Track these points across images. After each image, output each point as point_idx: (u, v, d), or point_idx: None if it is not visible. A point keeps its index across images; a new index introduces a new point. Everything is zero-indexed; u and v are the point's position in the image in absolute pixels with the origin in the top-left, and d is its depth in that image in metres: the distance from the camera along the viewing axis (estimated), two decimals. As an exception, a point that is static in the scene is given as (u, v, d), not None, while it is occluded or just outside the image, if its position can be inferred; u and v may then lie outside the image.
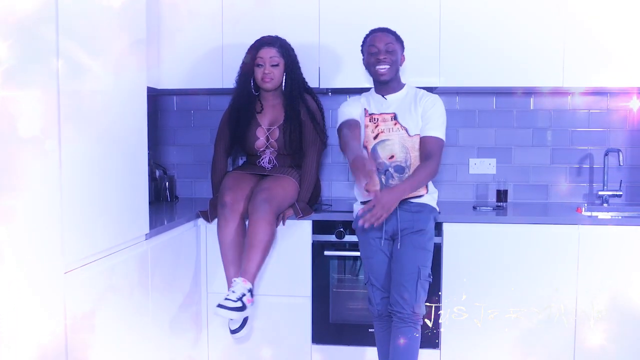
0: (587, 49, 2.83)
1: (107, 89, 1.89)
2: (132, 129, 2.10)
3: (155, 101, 3.40)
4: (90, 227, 1.81)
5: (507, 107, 3.25)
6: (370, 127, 2.47)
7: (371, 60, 2.43)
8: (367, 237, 2.47)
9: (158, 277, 2.30)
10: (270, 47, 2.73)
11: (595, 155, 3.22)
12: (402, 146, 2.43)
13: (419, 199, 2.45)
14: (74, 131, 1.69)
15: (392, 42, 2.42)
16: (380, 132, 2.44)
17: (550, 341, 2.68)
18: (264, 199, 2.57)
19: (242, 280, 2.50)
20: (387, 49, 2.40)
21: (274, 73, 2.73)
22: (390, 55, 2.41)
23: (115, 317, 1.94)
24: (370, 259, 2.47)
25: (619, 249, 2.65)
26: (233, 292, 2.46)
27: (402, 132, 2.43)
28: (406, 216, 2.42)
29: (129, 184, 2.07)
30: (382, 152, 2.44)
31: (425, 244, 2.42)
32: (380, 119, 2.45)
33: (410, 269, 2.37)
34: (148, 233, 2.24)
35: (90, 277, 1.80)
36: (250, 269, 2.53)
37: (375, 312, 2.50)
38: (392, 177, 2.44)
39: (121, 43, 1.99)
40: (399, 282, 2.37)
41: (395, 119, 2.44)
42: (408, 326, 2.35)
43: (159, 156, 3.43)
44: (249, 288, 2.50)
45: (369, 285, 2.50)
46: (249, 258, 2.54)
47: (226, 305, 2.42)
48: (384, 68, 2.40)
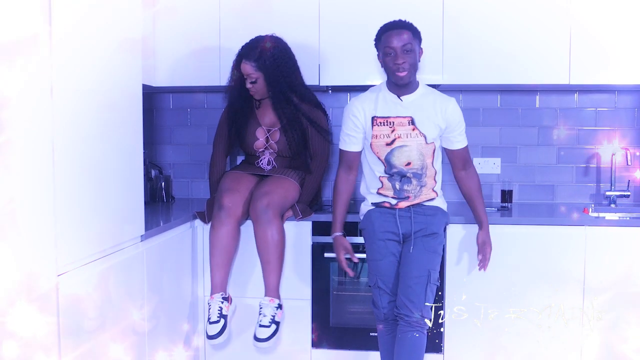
0: (595, 45, 2.83)
1: (101, 86, 1.89)
2: (127, 127, 2.10)
3: (150, 99, 3.40)
4: (84, 229, 1.81)
5: (512, 105, 3.25)
6: (385, 132, 2.38)
7: (388, 62, 2.32)
8: (377, 239, 2.45)
9: (153, 280, 2.30)
10: (247, 63, 2.67)
11: (602, 154, 3.22)
12: (420, 153, 2.40)
13: (431, 202, 2.46)
14: (67, 130, 1.69)
15: (410, 41, 2.29)
16: (397, 137, 2.37)
17: (557, 346, 2.68)
18: (265, 206, 2.58)
19: (269, 300, 2.58)
20: (405, 49, 2.28)
21: (255, 87, 2.73)
22: (408, 56, 2.29)
23: (110, 321, 1.94)
24: (379, 261, 2.45)
25: (627, 251, 2.65)
26: (264, 316, 2.54)
27: (421, 139, 2.38)
28: (420, 219, 2.43)
29: (124, 184, 2.07)
30: (398, 157, 2.39)
31: (437, 247, 2.43)
32: (397, 122, 2.37)
33: (421, 271, 2.37)
34: (143, 234, 2.24)
35: (84, 280, 1.80)
36: (273, 285, 2.60)
37: (380, 316, 2.48)
38: (410, 182, 2.42)
39: (116, 38, 1.99)
40: (408, 284, 2.36)
41: (412, 124, 2.37)
42: (414, 330, 2.35)
43: (155, 155, 3.43)
44: (276, 305, 2.57)
45: (375, 288, 2.47)
46: (268, 274, 2.60)
47: (263, 337, 2.52)
48: (403, 73, 2.30)
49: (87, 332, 1.81)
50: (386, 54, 2.31)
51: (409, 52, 2.30)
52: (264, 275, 2.62)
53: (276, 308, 2.59)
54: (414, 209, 2.42)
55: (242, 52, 2.71)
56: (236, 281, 2.77)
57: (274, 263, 2.59)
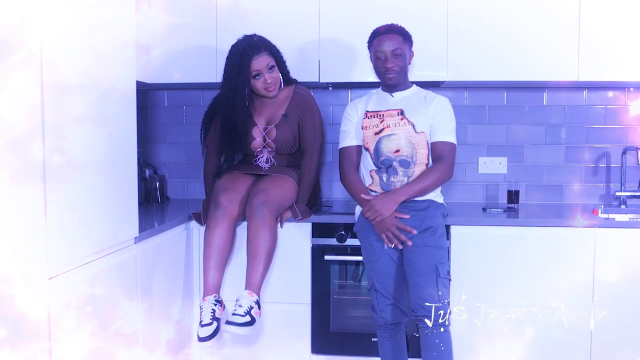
0: (605, 40, 2.83)
1: (93, 83, 1.89)
2: (121, 126, 2.10)
3: (145, 96, 3.40)
4: (75, 230, 1.81)
5: (519, 103, 3.26)
6: (374, 123, 2.51)
7: (379, 66, 2.49)
8: (371, 240, 2.47)
9: (148, 283, 2.31)
10: (261, 55, 2.68)
11: (612, 153, 3.22)
12: (409, 141, 2.46)
13: (423, 196, 2.46)
14: (58, 128, 1.69)
15: (400, 46, 2.46)
16: (385, 127, 2.49)
17: (566, 351, 2.69)
18: (261, 203, 2.57)
19: (248, 293, 2.52)
20: (395, 53, 2.45)
21: (274, 77, 2.73)
22: (397, 60, 2.46)
23: (103, 325, 1.94)
24: (374, 262, 2.47)
25: (638, 253, 2.65)
26: (240, 307, 2.47)
27: (409, 127, 2.47)
28: (412, 214, 2.42)
29: (117, 184, 2.07)
30: (387, 145, 2.47)
31: (437, 241, 2.42)
32: (387, 114, 2.51)
33: (427, 268, 2.37)
34: (137, 236, 2.24)
35: (76, 283, 1.80)
36: (255, 280, 2.55)
37: (379, 321, 2.50)
38: (396, 172, 2.45)
39: (108, 32, 1.99)
40: (416, 283, 2.36)
41: (401, 114, 2.49)
42: (437, 331, 2.35)
43: (149, 155, 3.43)
44: (255, 300, 2.51)
45: (372, 291, 2.50)
46: (252, 268, 2.55)
47: (235, 322, 2.43)
48: (392, 75, 2.47)
49: (79, 336, 1.81)
50: (377, 57, 2.49)
51: (399, 56, 2.46)
52: (247, 270, 2.56)
53: (255, 302, 2.50)
54: (404, 203, 2.42)
55: (246, 51, 2.67)
56: (231, 284, 2.75)
57: (260, 260, 2.55)
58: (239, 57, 2.67)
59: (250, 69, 2.68)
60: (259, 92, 2.75)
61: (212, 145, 2.88)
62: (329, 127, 3.26)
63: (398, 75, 2.48)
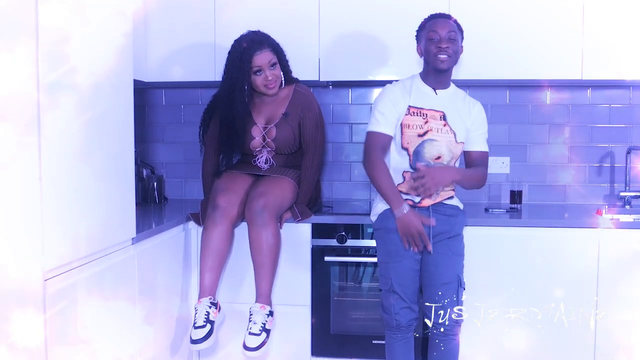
0: (609, 38, 2.83)
1: (90, 82, 1.89)
2: (118, 125, 2.10)
3: (142, 95, 3.40)
4: (72, 231, 1.81)
5: (522, 102, 3.26)
6: (418, 123, 2.41)
7: (431, 48, 2.38)
8: (395, 239, 2.39)
9: (145, 284, 2.31)
10: (263, 51, 2.68)
11: (616, 153, 3.22)
12: (449, 150, 2.43)
13: (450, 200, 2.47)
14: (55, 127, 1.69)
15: (455, 30, 2.39)
16: (429, 130, 2.41)
17: (569, 352, 2.69)
18: (262, 207, 2.57)
19: (260, 307, 2.55)
20: (450, 37, 2.37)
21: (275, 75, 2.73)
22: (452, 44, 2.38)
23: (99, 327, 1.94)
24: (397, 263, 2.41)
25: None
26: (255, 324, 2.50)
27: (451, 136, 2.43)
28: (441, 219, 2.42)
29: (114, 184, 2.07)
30: (429, 150, 2.41)
31: (462, 250, 2.47)
32: (430, 115, 2.42)
33: (451, 277, 2.39)
34: (135, 237, 2.24)
35: (72, 285, 1.80)
36: (265, 291, 2.58)
37: (392, 323, 2.45)
38: None
39: (105, 29, 1.99)
40: (439, 291, 2.38)
41: (444, 119, 2.42)
42: (449, 338, 2.41)
43: (147, 154, 3.43)
44: (268, 312, 2.54)
45: (389, 292, 2.43)
46: (261, 278, 2.57)
47: (252, 346, 2.46)
48: (445, 57, 2.37)
49: (75, 338, 1.81)
50: (430, 38, 2.39)
51: (453, 40, 2.39)
52: (256, 280, 2.60)
53: (267, 315, 2.55)
54: (434, 207, 2.42)
55: (249, 46, 2.67)
56: (227, 286, 2.76)
57: (268, 267, 2.58)
58: (241, 52, 2.67)
59: (251, 64, 2.68)
60: (259, 89, 2.75)
61: (211, 144, 2.88)
62: (329, 127, 3.26)
63: (450, 60, 2.38)
